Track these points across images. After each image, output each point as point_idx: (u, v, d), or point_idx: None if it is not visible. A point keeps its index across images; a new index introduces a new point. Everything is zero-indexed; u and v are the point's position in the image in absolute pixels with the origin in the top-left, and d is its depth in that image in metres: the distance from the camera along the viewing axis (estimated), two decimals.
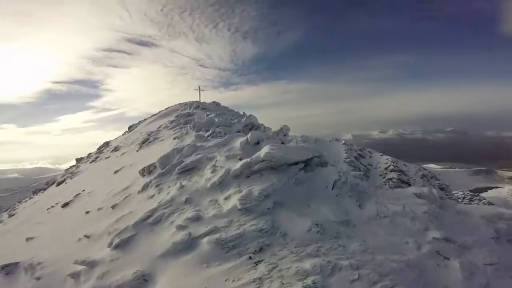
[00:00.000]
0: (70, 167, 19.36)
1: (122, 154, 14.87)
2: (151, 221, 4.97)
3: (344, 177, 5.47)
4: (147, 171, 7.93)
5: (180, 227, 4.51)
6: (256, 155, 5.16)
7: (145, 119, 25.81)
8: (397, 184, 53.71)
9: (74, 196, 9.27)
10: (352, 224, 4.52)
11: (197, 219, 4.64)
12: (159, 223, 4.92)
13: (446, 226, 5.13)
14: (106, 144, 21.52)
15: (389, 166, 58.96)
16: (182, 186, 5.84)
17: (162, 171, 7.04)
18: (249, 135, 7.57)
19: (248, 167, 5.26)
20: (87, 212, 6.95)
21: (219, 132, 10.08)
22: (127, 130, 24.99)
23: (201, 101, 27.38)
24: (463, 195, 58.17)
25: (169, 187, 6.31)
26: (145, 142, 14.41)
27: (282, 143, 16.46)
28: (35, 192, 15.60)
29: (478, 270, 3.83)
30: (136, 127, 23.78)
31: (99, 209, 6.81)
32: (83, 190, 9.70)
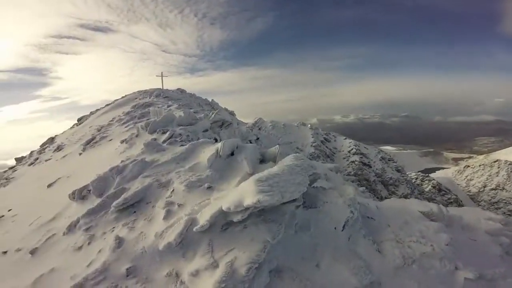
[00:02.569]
0: (6, 170, 15.46)
1: (64, 156, 11.86)
2: None
3: (356, 211, 4.00)
4: (78, 196, 5.64)
5: None
6: (235, 201, 3.22)
7: (98, 110, 21.92)
8: (359, 166, 56.99)
9: None
10: (378, 283, 3.24)
11: None
12: None
13: (466, 256, 4.17)
14: (51, 140, 17.73)
15: (352, 149, 62.09)
16: (119, 243, 3.76)
17: (95, 205, 4.84)
18: (219, 145, 5.69)
19: (223, 217, 3.42)
20: (4, 252, 4.89)
21: (180, 135, 7.89)
22: (77, 122, 20.94)
23: (164, 88, 24.20)
24: (415, 176, 63.99)
25: (104, 235, 4.22)
26: (90, 142, 11.49)
27: (257, 138, 14.79)
28: None
29: None
30: (86, 120, 19.99)
31: (17, 250, 4.85)
32: (9, 210, 7.32)
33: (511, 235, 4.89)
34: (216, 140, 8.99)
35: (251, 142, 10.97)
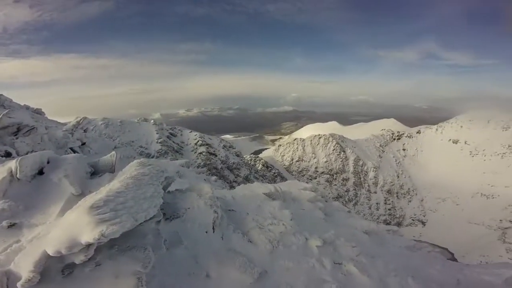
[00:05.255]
0: None
1: None
2: None
3: (219, 209, 3.98)
4: None
5: None
6: (66, 240, 2.19)
7: None
8: (207, 156, 61.09)
9: None
10: (265, 271, 3.47)
11: None
12: None
13: (306, 226, 5.47)
14: None
15: (198, 141, 65.18)
16: None
17: None
18: (13, 164, 3.81)
19: (58, 260, 2.31)
20: None
21: None
22: None
23: None
24: (250, 158, 77.73)
25: None
26: None
27: (83, 143, 11.55)
28: None
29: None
30: None
31: None
32: None
33: (322, 199, 6.96)
34: (9, 155, 6.06)
35: (73, 151, 8.39)
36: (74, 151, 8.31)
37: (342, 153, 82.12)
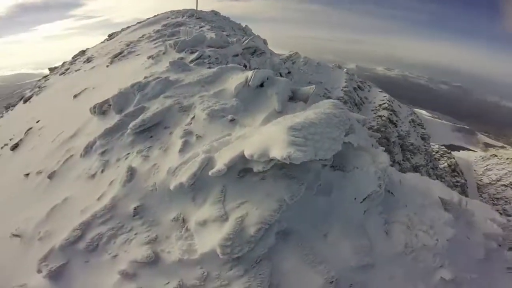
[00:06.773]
0: (39, 79, 16.47)
1: (92, 68, 11.89)
2: (83, 247, 3.03)
3: (383, 185, 3.55)
4: (99, 110, 5.47)
5: (126, 275, 2.68)
6: (260, 148, 2.75)
7: (128, 27, 21.07)
8: (385, 123, 54.07)
9: (25, 133, 7.13)
10: (371, 265, 2.99)
11: (151, 263, 2.69)
12: (95, 251, 3.02)
13: (454, 254, 3.90)
14: (82, 52, 17.95)
15: (384, 103, 57.66)
16: (131, 175, 3.56)
17: (112, 125, 4.59)
18: (250, 73, 5.03)
19: (242, 162, 2.99)
20: (27, 175, 5.02)
21: (209, 56, 7.20)
22: (107, 38, 20.68)
23: (198, 9, 21.79)
24: (437, 149, 60.97)
25: (117, 162, 4.08)
26: (118, 55, 11.08)
27: (289, 72, 13.59)
28: (7, 108, 13.27)
29: None
30: (117, 35, 19.57)
31: (38, 172, 4.92)
32: (37, 122, 7.61)
33: (502, 241, 4.45)
34: (245, 67, 8.21)
35: (281, 76, 10.06)
36: (282, 76, 9.91)
37: None
